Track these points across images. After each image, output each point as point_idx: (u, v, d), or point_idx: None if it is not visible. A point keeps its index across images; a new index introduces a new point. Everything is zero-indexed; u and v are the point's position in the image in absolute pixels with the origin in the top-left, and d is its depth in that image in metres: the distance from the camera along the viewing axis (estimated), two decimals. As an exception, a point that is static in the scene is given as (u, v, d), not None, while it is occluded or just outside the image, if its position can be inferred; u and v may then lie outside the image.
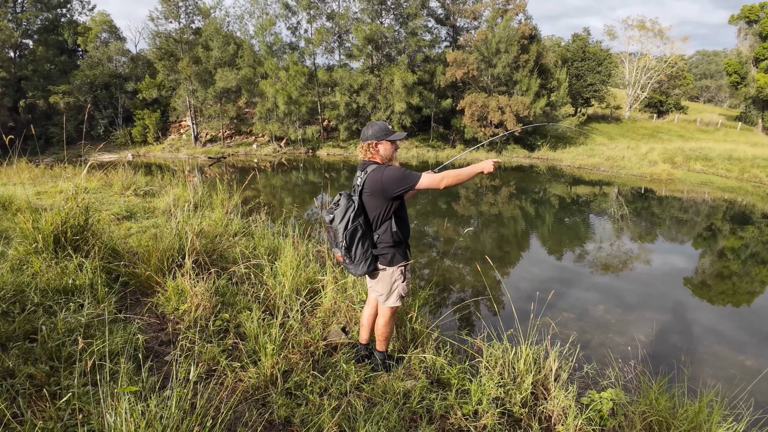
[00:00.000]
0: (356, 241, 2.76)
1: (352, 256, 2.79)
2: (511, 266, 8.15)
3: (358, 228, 2.75)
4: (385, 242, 2.82)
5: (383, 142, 2.80)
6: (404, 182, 2.67)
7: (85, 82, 32.29)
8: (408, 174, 2.68)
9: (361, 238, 2.76)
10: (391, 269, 2.86)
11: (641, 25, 40.82)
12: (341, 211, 2.77)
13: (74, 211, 4.01)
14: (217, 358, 3.00)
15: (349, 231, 2.74)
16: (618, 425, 2.86)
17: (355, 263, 2.80)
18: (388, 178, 2.68)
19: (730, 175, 21.70)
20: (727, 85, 48.17)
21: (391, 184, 2.68)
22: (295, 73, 29.49)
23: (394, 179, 2.67)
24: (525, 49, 28.97)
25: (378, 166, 2.77)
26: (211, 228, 5.20)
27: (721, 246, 10.30)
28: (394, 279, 2.88)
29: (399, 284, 2.90)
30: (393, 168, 2.72)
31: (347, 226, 2.74)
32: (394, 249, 2.84)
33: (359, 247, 2.77)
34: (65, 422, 2.19)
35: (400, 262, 2.88)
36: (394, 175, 2.68)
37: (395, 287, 2.91)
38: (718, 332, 5.62)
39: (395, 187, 2.68)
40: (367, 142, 2.81)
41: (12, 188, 7.24)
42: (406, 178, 2.67)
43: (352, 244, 2.76)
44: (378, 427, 2.51)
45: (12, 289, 3.25)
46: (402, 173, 2.68)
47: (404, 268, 2.90)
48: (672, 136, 34.23)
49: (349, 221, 2.74)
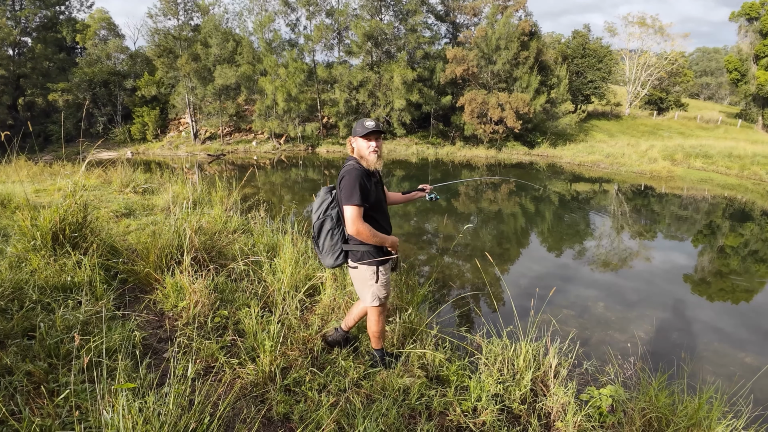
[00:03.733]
0: (325, 232, 2.82)
1: (320, 247, 2.88)
2: (511, 263, 8.15)
3: (328, 220, 2.82)
4: (355, 240, 2.81)
5: (356, 139, 2.84)
6: (348, 199, 2.65)
7: (83, 80, 32.22)
8: (352, 194, 2.64)
9: (331, 230, 2.82)
10: (362, 268, 2.83)
11: (642, 21, 40.73)
12: (318, 202, 2.90)
13: (72, 208, 3.99)
14: (216, 354, 3.00)
15: (319, 222, 2.84)
16: (617, 422, 2.86)
17: (323, 254, 2.88)
18: (343, 186, 2.69)
19: (730, 172, 21.69)
20: (727, 83, 48.15)
21: (343, 189, 2.69)
22: (294, 70, 29.41)
23: (344, 191, 2.67)
24: (525, 46, 28.89)
25: (348, 165, 2.78)
26: (210, 225, 5.18)
27: (721, 243, 10.30)
28: (365, 279, 2.85)
29: (373, 285, 2.85)
30: (352, 175, 2.68)
31: (319, 217, 2.84)
32: (364, 248, 2.80)
33: (327, 239, 2.83)
34: (63, 419, 2.19)
35: (371, 263, 2.82)
36: (346, 188, 2.66)
37: (369, 288, 2.86)
38: (718, 329, 5.62)
39: (342, 195, 2.69)
40: (349, 138, 2.91)
41: (11, 186, 7.22)
42: (350, 197, 2.64)
43: (320, 235, 2.85)
44: (377, 423, 2.51)
45: (10, 287, 3.24)
46: (350, 191, 2.65)
47: (377, 269, 2.82)
48: (672, 133, 34.21)
49: (321, 213, 2.84)
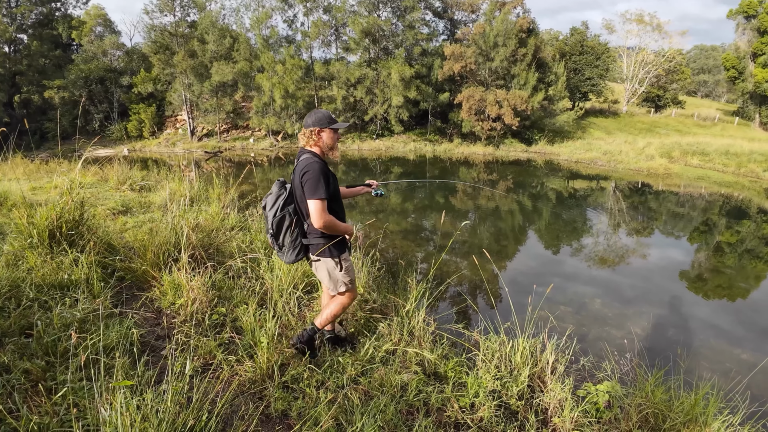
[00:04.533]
0: (284, 229, 2.74)
1: (280, 244, 2.78)
2: (509, 260, 8.16)
3: (286, 216, 2.73)
4: (315, 233, 2.78)
5: (326, 130, 2.72)
6: (313, 193, 2.58)
7: (80, 77, 32.04)
8: (318, 186, 2.58)
9: (290, 226, 2.74)
10: (324, 260, 2.81)
11: (640, 19, 40.76)
12: (272, 198, 2.76)
13: (69, 206, 3.98)
14: (214, 352, 3.00)
15: (277, 219, 2.72)
16: (614, 417, 2.87)
17: (283, 251, 2.80)
18: (306, 180, 2.60)
19: (727, 170, 21.77)
20: (724, 80, 48.25)
21: (306, 183, 2.60)
22: (291, 67, 29.32)
23: (308, 185, 2.59)
24: (523, 43, 28.88)
25: (306, 158, 2.68)
26: (207, 222, 5.18)
27: (718, 240, 10.34)
28: (328, 270, 2.84)
29: (338, 274, 2.84)
30: (315, 169, 2.60)
31: (276, 214, 2.72)
32: (324, 240, 2.77)
33: (287, 236, 2.75)
34: (61, 417, 2.18)
35: (333, 254, 2.80)
36: (311, 182, 2.58)
37: (334, 277, 2.85)
38: (714, 326, 5.65)
39: (306, 189, 2.61)
40: (309, 129, 2.73)
41: (7, 184, 7.19)
42: (316, 191, 2.58)
43: (280, 232, 2.75)
44: (375, 420, 2.52)
45: (7, 285, 3.23)
46: (315, 184, 2.58)
47: (339, 258, 2.82)
48: (669, 130, 34.31)
49: (278, 209, 2.72)
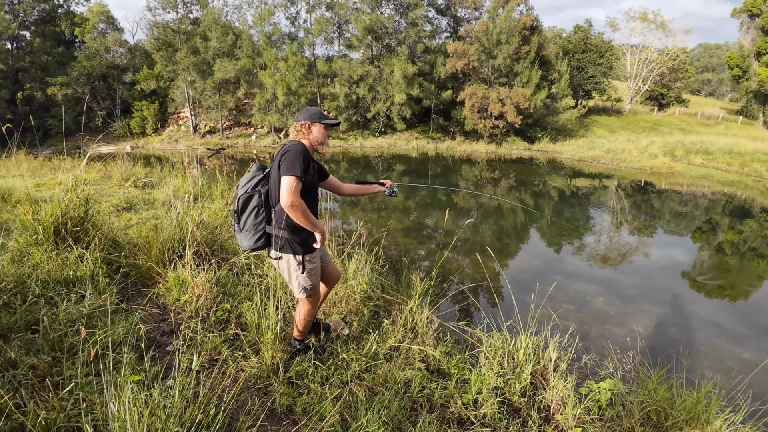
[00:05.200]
0: (250, 208, 2.66)
1: (241, 225, 2.69)
2: (511, 258, 8.17)
3: (256, 196, 2.66)
4: (279, 222, 2.65)
5: (316, 125, 2.71)
6: (288, 169, 2.45)
7: (82, 74, 32.09)
8: (295, 167, 2.46)
9: (257, 207, 2.66)
10: (285, 257, 2.70)
11: (643, 17, 40.55)
12: (247, 177, 2.72)
13: (74, 202, 4.00)
14: (219, 347, 3.02)
15: (245, 197, 2.66)
16: (616, 415, 2.89)
17: (243, 232, 2.69)
18: (285, 159, 2.50)
19: (731, 169, 21.69)
20: (728, 79, 48.00)
21: (283, 164, 2.49)
22: (294, 64, 29.31)
23: (286, 162, 2.48)
24: (526, 41, 28.79)
25: (291, 143, 2.62)
26: (211, 219, 5.20)
27: (720, 239, 10.32)
28: (290, 269, 2.73)
29: (298, 275, 2.72)
30: (297, 149, 2.53)
31: (246, 191, 2.67)
32: (289, 235, 2.64)
33: (251, 217, 2.67)
34: (68, 412, 2.20)
35: (296, 251, 2.67)
36: (289, 159, 2.48)
37: (294, 278, 2.74)
38: (717, 325, 5.65)
39: (283, 166, 2.48)
40: (299, 122, 2.71)
41: (11, 180, 7.22)
42: (291, 168, 2.45)
43: (244, 211, 2.68)
44: (379, 415, 2.54)
45: (13, 281, 3.25)
46: (293, 162, 2.47)
47: (303, 258, 2.69)
48: (673, 129, 34.19)
49: (249, 188, 2.67)
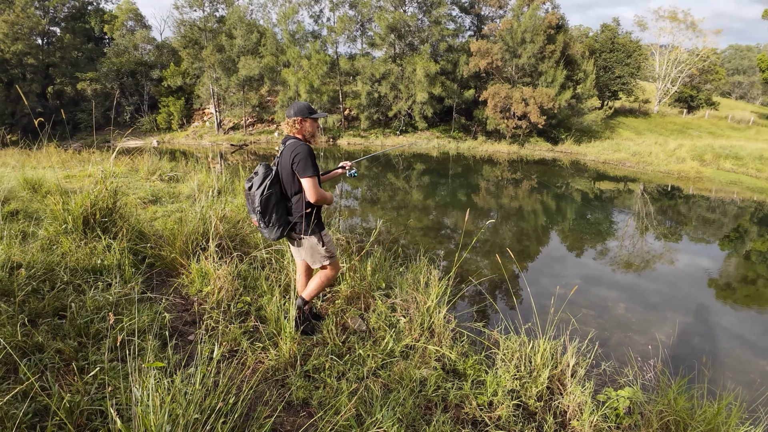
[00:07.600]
0: (271, 206, 2.98)
1: (266, 221, 3.01)
2: (531, 260, 8.07)
3: (273, 195, 2.97)
4: (299, 211, 3.04)
5: (308, 120, 3.04)
6: (305, 171, 2.89)
7: (111, 70, 32.98)
8: (308, 165, 2.90)
9: (276, 204, 2.99)
10: (307, 238, 3.10)
11: (673, 16, 39.29)
12: (259, 179, 3.00)
13: (103, 194, 4.13)
14: (239, 339, 3.09)
15: (265, 197, 2.96)
16: (634, 423, 2.84)
17: (269, 227, 3.02)
18: (298, 161, 2.90)
19: (761, 175, 20.87)
20: (760, 82, 46.24)
21: (298, 164, 2.90)
22: (317, 62, 29.48)
23: (300, 165, 2.89)
24: (551, 39, 28.26)
25: (294, 142, 2.98)
26: (233, 213, 5.30)
27: (749, 248, 9.98)
28: (312, 246, 3.13)
29: (319, 249, 3.13)
30: (304, 150, 2.91)
31: (264, 192, 2.96)
32: (308, 218, 3.04)
33: (274, 213, 2.99)
34: (92, 395, 2.27)
35: (316, 231, 3.10)
36: (302, 162, 2.89)
37: (318, 251, 3.14)
38: (741, 336, 5.47)
39: (299, 169, 2.91)
40: (292, 119, 3.03)
41: (42, 172, 7.47)
42: (307, 169, 2.90)
43: (267, 210, 2.98)
44: (394, 412, 2.55)
45: (42, 268, 3.38)
46: (306, 164, 2.89)
47: (320, 234, 3.12)
48: (702, 132, 33.12)
49: (265, 188, 2.96)
